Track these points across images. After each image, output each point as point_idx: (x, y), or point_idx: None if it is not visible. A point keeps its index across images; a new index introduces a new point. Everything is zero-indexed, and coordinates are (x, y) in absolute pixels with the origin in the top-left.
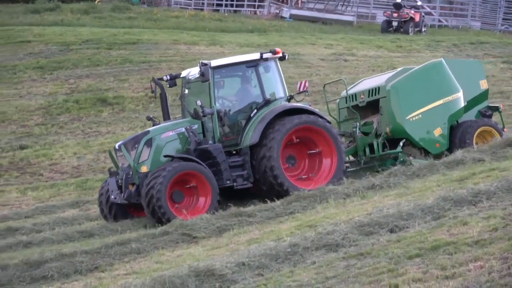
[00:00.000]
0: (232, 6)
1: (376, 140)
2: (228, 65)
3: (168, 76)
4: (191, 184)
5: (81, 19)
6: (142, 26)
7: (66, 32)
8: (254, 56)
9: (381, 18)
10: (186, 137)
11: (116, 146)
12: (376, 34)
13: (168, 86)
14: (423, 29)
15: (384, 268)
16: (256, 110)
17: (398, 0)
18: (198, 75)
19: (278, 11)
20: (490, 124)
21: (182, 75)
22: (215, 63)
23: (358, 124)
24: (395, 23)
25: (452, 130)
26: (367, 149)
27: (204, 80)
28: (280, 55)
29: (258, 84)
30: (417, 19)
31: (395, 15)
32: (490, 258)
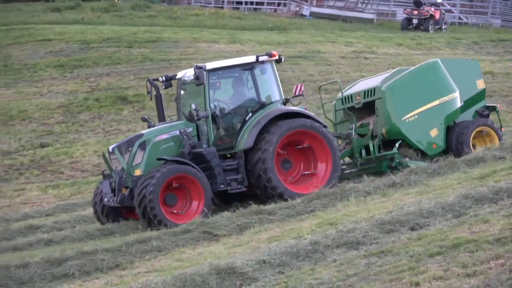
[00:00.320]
0: (252, 4)
1: (372, 141)
2: (224, 68)
3: (164, 77)
4: (183, 185)
5: (101, 17)
6: (162, 24)
7: (87, 30)
8: (250, 59)
9: (401, 15)
10: (180, 140)
11: (110, 148)
12: (396, 32)
13: (163, 87)
14: (443, 26)
15: (405, 266)
16: (251, 114)
17: None
18: (193, 78)
19: (298, 9)
20: (487, 124)
21: (178, 76)
22: (210, 66)
23: (354, 125)
24: (415, 21)
25: (449, 130)
26: (363, 151)
27: (198, 84)
28: (276, 58)
29: (253, 87)
30: (437, 16)
31: (415, 12)
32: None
